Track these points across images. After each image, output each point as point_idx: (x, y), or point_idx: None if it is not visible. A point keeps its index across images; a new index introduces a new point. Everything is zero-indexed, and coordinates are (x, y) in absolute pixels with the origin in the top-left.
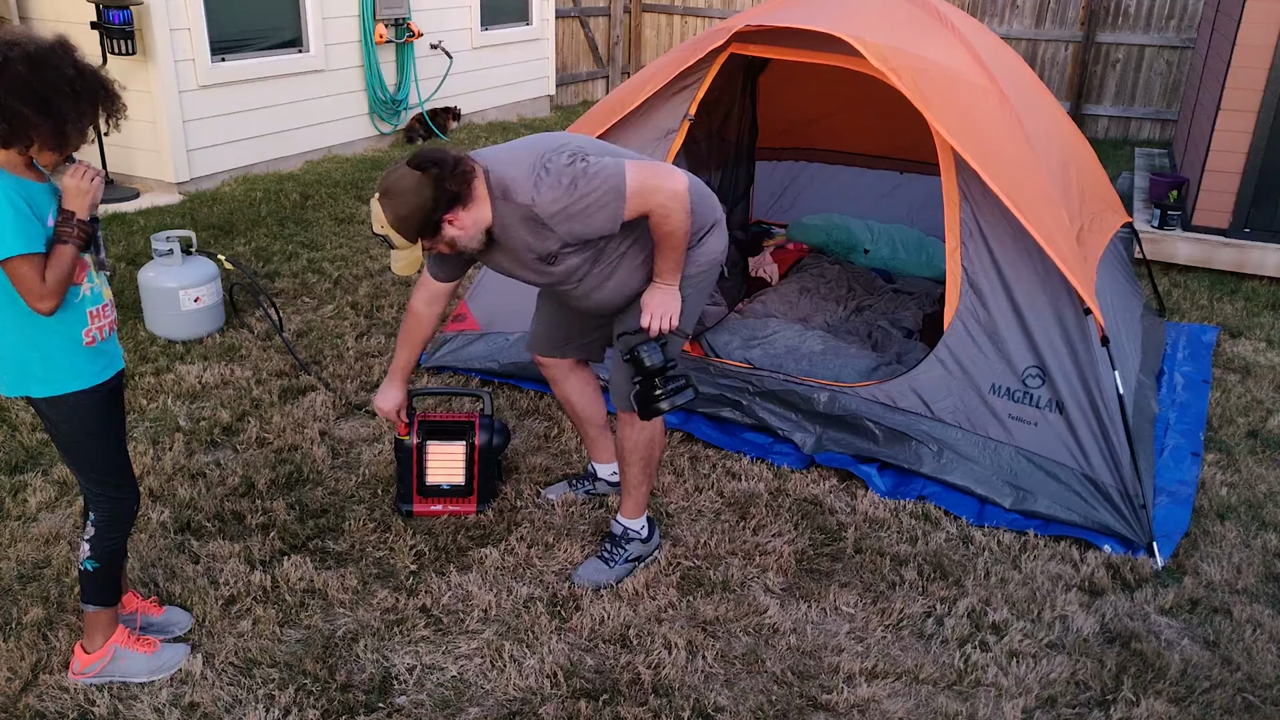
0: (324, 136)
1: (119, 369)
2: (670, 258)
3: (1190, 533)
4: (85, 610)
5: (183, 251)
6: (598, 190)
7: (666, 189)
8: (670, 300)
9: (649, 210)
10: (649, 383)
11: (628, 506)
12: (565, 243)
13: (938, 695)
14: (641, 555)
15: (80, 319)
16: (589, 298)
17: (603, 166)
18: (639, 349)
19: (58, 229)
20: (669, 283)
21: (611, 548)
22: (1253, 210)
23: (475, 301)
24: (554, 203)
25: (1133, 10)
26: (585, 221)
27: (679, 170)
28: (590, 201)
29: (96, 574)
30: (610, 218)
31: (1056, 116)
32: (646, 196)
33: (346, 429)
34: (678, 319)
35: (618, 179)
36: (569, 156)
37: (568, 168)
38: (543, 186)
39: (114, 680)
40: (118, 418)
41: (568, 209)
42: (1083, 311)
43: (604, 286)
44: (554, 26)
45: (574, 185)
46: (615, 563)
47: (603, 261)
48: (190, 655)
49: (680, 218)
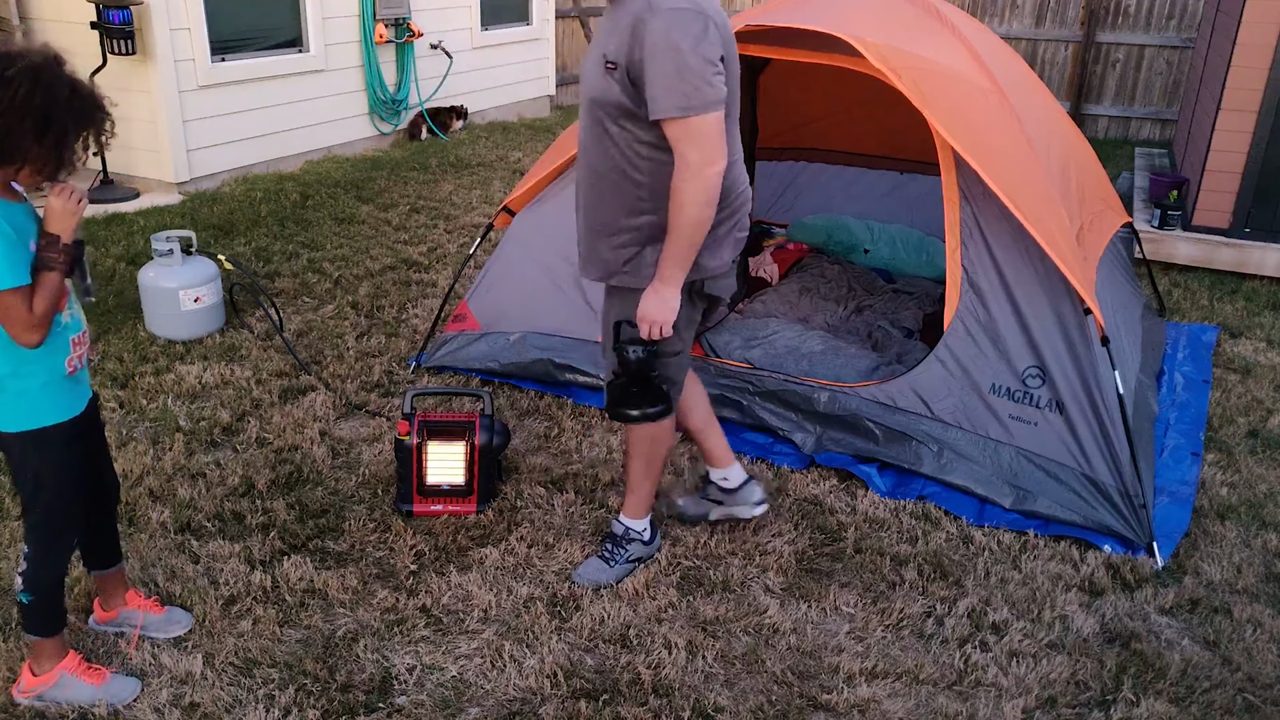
0: (324, 136)
1: (89, 397)
2: (672, 243)
3: (1190, 533)
4: (27, 638)
5: (183, 251)
6: (684, 68)
7: (704, 155)
8: (662, 306)
9: (676, 147)
10: (624, 382)
11: (629, 505)
12: (626, 67)
13: (938, 695)
14: (642, 556)
15: (63, 347)
16: (579, 188)
17: (705, 71)
18: (629, 347)
19: (43, 254)
20: (666, 278)
21: (613, 547)
22: (1253, 210)
23: (475, 301)
24: (660, 30)
25: (1133, 10)
26: (655, 60)
27: (726, 161)
28: (675, 63)
29: (32, 606)
30: (661, 84)
31: (1056, 116)
32: (688, 134)
33: (346, 429)
34: (669, 329)
35: (697, 89)
36: (703, 38)
37: (695, 28)
38: (668, 15)
39: (57, 704)
40: (90, 449)
41: (658, 40)
42: (1083, 311)
43: (583, 169)
44: (554, 26)
45: (683, 38)
46: (616, 562)
47: (603, 140)
48: (140, 690)
49: (693, 194)
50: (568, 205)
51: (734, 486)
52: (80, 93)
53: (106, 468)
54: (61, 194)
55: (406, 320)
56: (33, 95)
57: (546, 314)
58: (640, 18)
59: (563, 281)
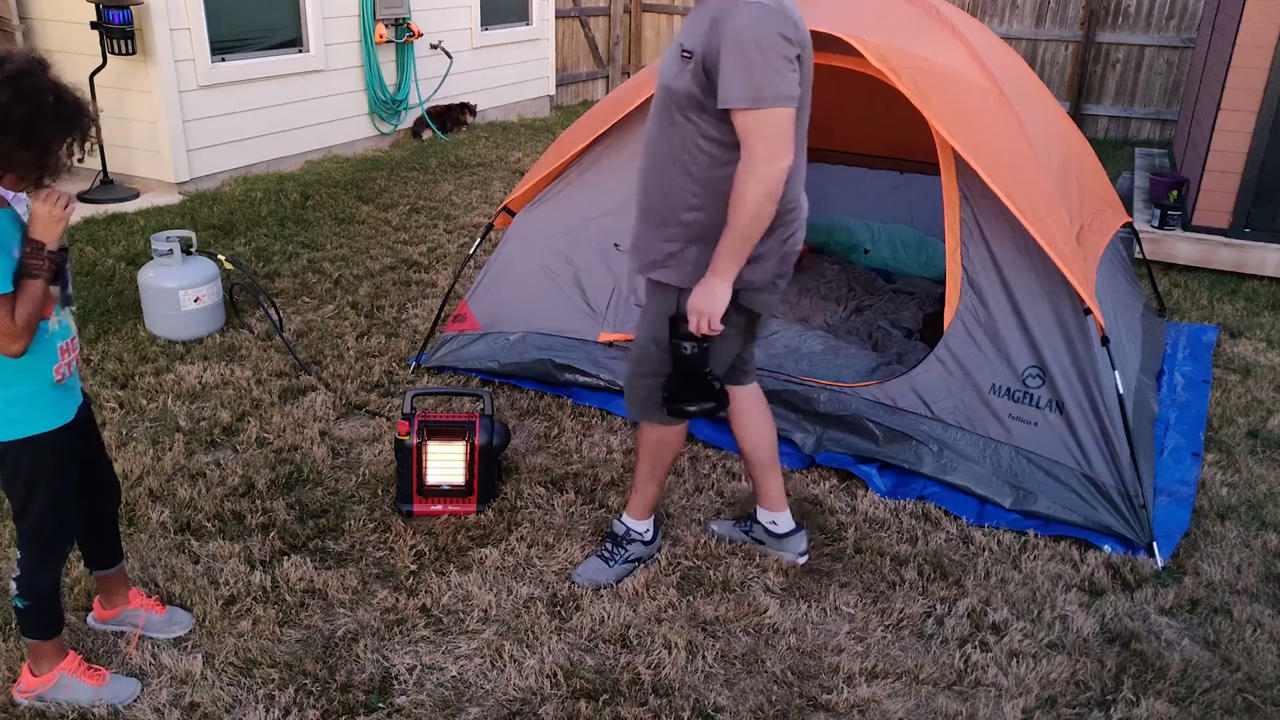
0: (324, 136)
1: (80, 402)
2: (728, 236)
3: (1190, 533)
4: (26, 643)
5: (183, 251)
6: (760, 60)
7: (771, 149)
8: (710, 298)
9: (743, 140)
10: (678, 378)
11: (633, 505)
12: (702, 56)
13: (938, 695)
14: (641, 557)
15: (51, 355)
16: (639, 175)
17: (779, 66)
18: (684, 342)
19: (26, 261)
20: (719, 271)
21: (613, 547)
22: (1253, 210)
23: (476, 301)
24: (741, 23)
25: (1133, 10)
26: (731, 51)
27: (792, 161)
28: (751, 54)
29: (29, 610)
30: (735, 74)
31: (1056, 116)
32: (758, 126)
33: (346, 429)
34: (717, 323)
35: (770, 81)
36: (782, 35)
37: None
38: (750, 9)
39: (57, 704)
40: (85, 453)
41: (737, 31)
42: (1083, 311)
43: (645, 156)
44: (554, 26)
45: (762, 31)
46: (615, 562)
47: (668, 130)
48: (140, 690)
49: (756, 187)
50: (568, 205)
51: (782, 533)
52: (64, 98)
53: (104, 469)
54: (48, 200)
55: (406, 320)
56: (14, 103)
57: (546, 314)
58: (724, 10)
59: (563, 281)
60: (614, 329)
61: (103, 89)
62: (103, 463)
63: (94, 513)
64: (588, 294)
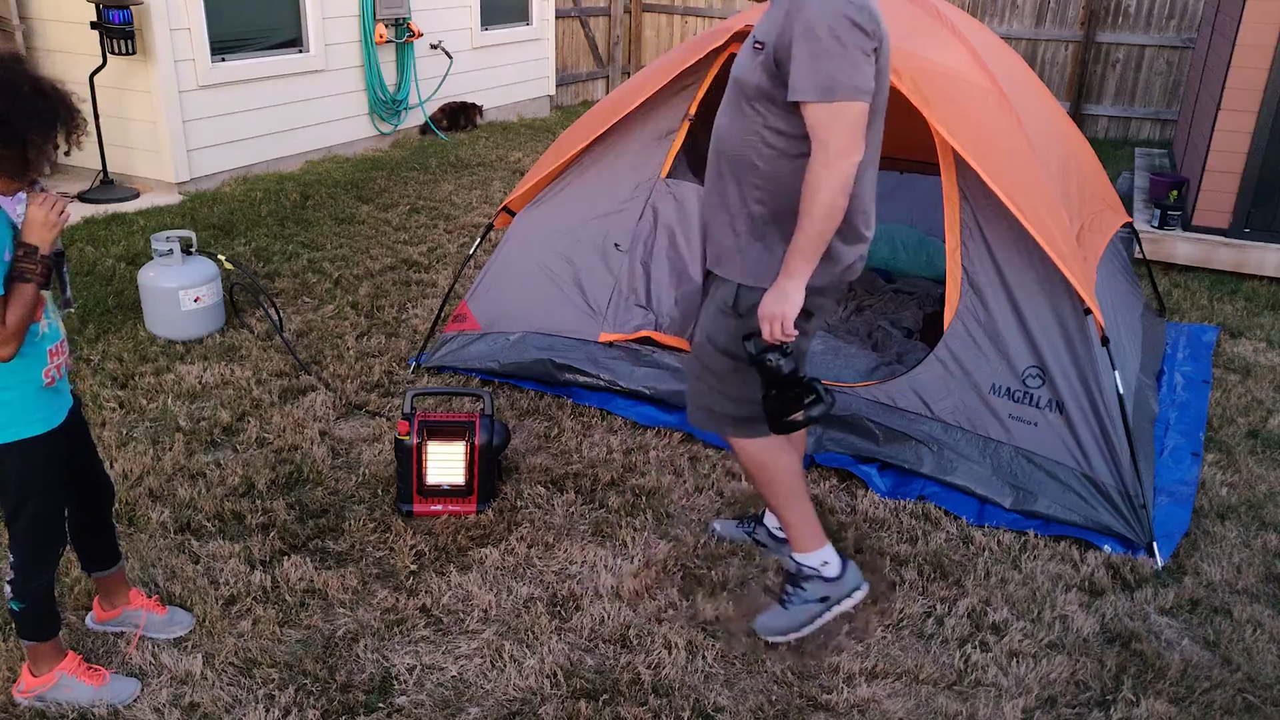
0: (324, 136)
1: (69, 405)
2: (800, 234)
3: (1190, 533)
4: (24, 644)
5: (183, 251)
6: (834, 51)
7: (842, 144)
8: (782, 300)
9: (814, 133)
10: (783, 393)
11: (791, 540)
12: (774, 47)
13: (938, 695)
14: (830, 595)
15: (40, 358)
16: (709, 162)
17: (855, 58)
18: (768, 355)
19: (19, 264)
20: (791, 271)
21: (790, 588)
22: (1253, 210)
23: (476, 301)
24: (815, 12)
25: (1133, 10)
26: (804, 42)
27: (863, 156)
28: (825, 45)
29: (25, 613)
30: (807, 65)
31: (1056, 116)
32: (830, 120)
33: (346, 429)
34: (790, 326)
35: (844, 73)
36: (859, 26)
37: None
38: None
39: (57, 704)
40: (76, 454)
41: (812, 21)
42: (1083, 311)
43: (713, 150)
44: (554, 26)
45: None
46: (791, 603)
47: (737, 120)
48: (140, 690)
49: (827, 181)
50: (568, 205)
51: (786, 538)
52: (44, 94)
53: (97, 470)
54: (44, 204)
55: (406, 320)
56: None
57: (546, 314)
58: (797, 1)
59: (563, 281)
60: (614, 329)
61: (103, 89)
62: (94, 463)
63: (87, 513)
64: (588, 294)
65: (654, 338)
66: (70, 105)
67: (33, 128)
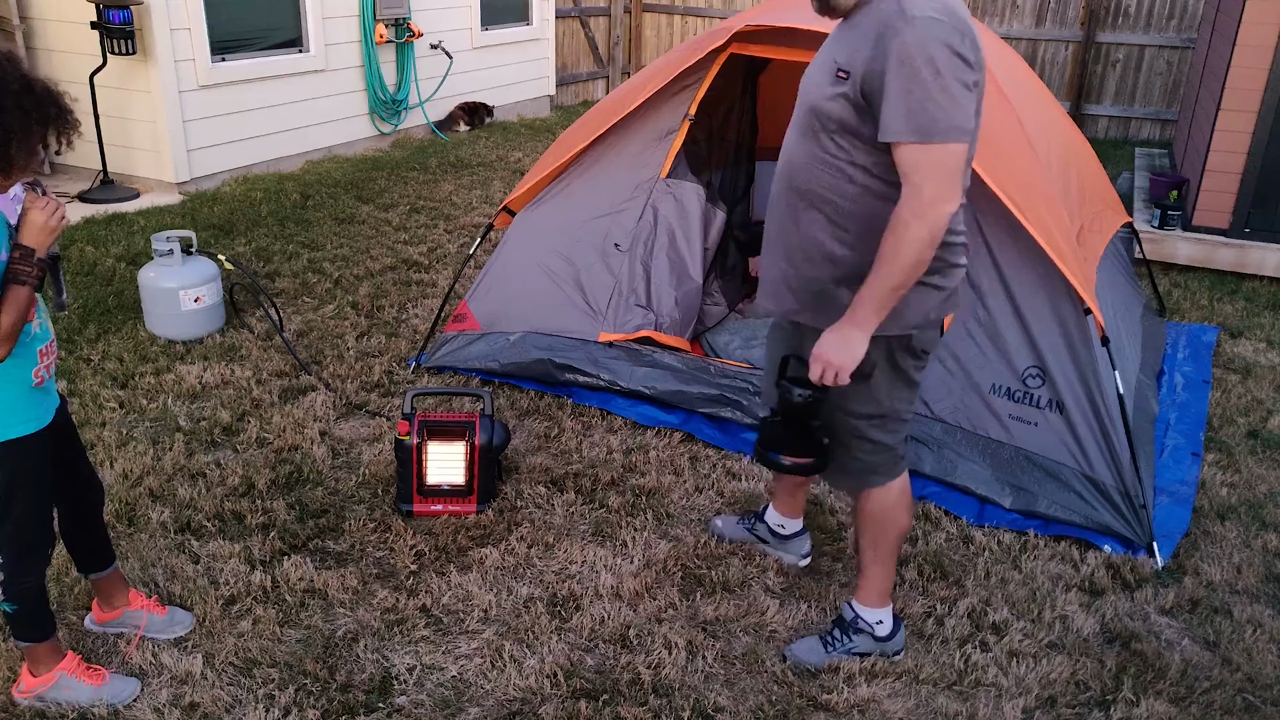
0: (324, 136)
1: (56, 405)
2: (875, 280)
3: (1190, 533)
4: (20, 646)
5: (183, 251)
6: (934, 87)
7: (938, 190)
8: (844, 349)
9: (906, 176)
10: (780, 424)
11: (861, 589)
12: (861, 78)
13: (938, 695)
14: (870, 653)
15: (30, 359)
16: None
17: (956, 94)
18: (798, 390)
19: (14, 266)
20: (858, 320)
21: (839, 634)
22: (1253, 210)
23: (475, 301)
24: (912, 41)
25: (1133, 10)
26: (898, 74)
27: (960, 203)
28: (923, 80)
29: (18, 614)
30: (903, 103)
31: (1056, 116)
32: (925, 164)
33: (346, 429)
34: (845, 378)
35: (943, 112)
36: (961, 57)
37: (953, 44)
38: (922, 24)
39: (57, 704)
40: (64, 455)
41: (909, 53)
42: (1083, 311)
43: (784, 181)
44: (554, 26)
45: (938, 53)
46: (834, 649)
47: (814, 154)
48: (140, 690)
49: (916, 232)
50: (568, 205)
51: (788, 534)
52: (34, 91)
53: (85, 469)
54: (45, 209)
55: (406, 320)
56: None
57: (546, 314)
58: (890, 25)
59: (563, 281)
60: (614, 329)
61: (103, 89)
62: (81, 462)
63: (78, 513)
64: (588, 294)
65: (654, 338)
66: (61, 105)
67: (20, 127)
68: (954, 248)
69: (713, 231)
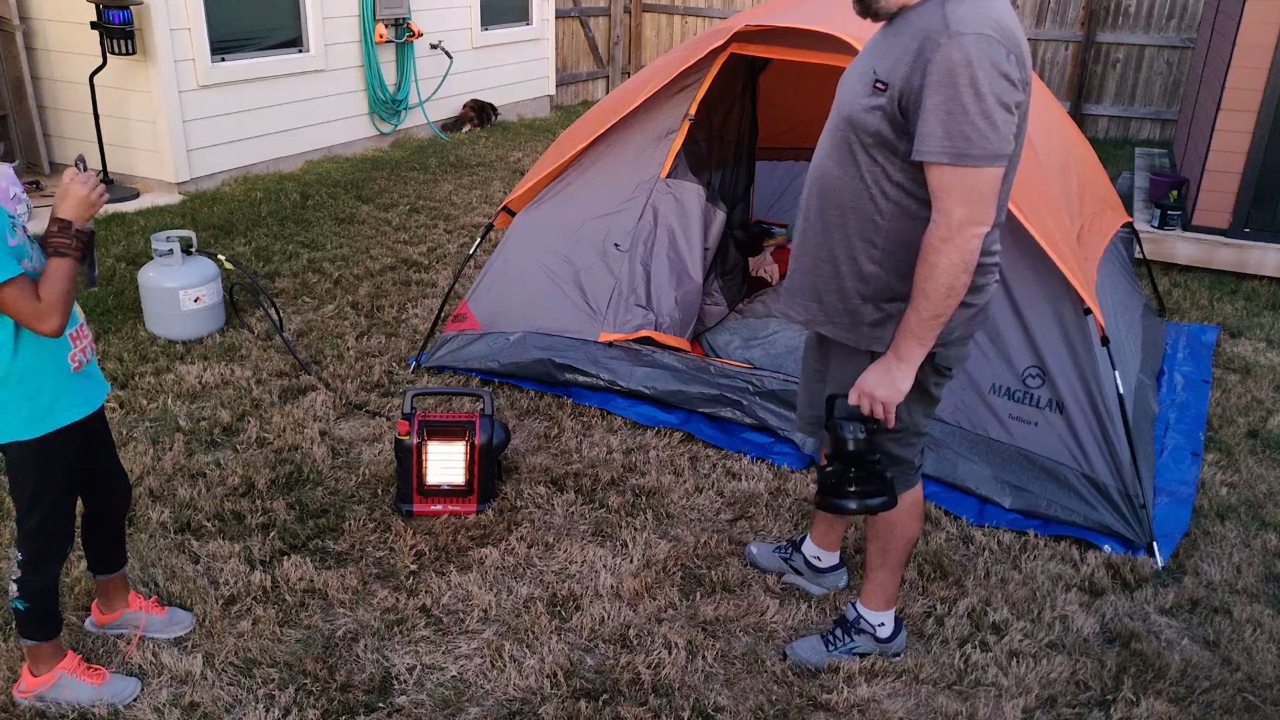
0: (324, 136)
1: (106, 390)
2: (915, 312)
3: (1190, 533)
4: (24, 644)
5: (183, 251)
6: (973, 107)
7: (970, 214)
8: (890, 385)
9: (937, 198)
10: (841, 468)
11: (865, 592)
12: (899, 92)
13: (938, 695)
14: (869, 653)
15: (63, 343)
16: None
17: (996, 116)
18: (844, 423)
19: (54, 239)
20: (901, 353)
21: (840, 633)
22: (1253, 210)
23: (475, 301)
24: (956, 58)
25: (1133, 10)
26: (938, 91)
27: (994, 226)
28: (963, 99)
29: (28, 613)
30: (939, 121)
31: (1056, 116)
32: (958, 186)
33: (346, 429)
34: (891, 414)
35: (981, 135)
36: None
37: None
38: (967, 40)
39: (57, 704)
40: (94, 452)
41: (950, 68)
42: (1083, 311)
43: (816, 193)
44: (554, 26)
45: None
46: (835, 648)
47: (848, 167)
48: (140, 690)
49: (948, 257)
50: (568, 205)
51: (824, 568)
52: None
53: (116, 469)
54: (87, 181)
55: (406, 320)
56: None
57: (546, 314)
58: (932, 38)
59: (563, 281)
60: (614, 329)
61: (103, 89)
62: (112, 461)
63: (103, 509)
64: (588, 294)
65: (654, 337)
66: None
67: None
68: (986, 268)
69: (713, 231)
